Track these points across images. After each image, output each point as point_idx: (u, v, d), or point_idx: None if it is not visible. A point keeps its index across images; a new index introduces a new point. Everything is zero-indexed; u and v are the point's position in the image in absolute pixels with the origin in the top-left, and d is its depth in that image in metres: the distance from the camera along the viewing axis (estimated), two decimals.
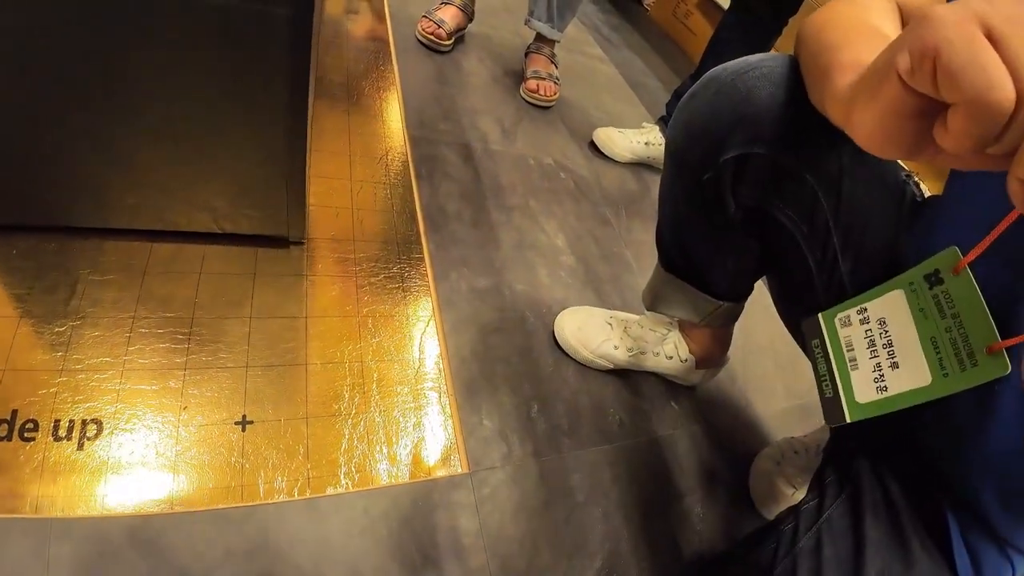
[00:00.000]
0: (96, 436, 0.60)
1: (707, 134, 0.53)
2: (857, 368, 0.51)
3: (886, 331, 0.50)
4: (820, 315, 0.58)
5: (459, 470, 0.71)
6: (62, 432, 0.59)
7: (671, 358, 0.87)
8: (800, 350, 0.60)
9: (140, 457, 0.60)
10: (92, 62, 0.56)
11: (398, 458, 0.69)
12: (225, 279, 0.76)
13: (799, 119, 0.48)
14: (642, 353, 0.87)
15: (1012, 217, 0.38)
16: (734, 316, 0.82)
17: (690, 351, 0.87)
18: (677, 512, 0.79)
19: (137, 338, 0.68)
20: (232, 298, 0.75)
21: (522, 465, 0.75)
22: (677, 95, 1.34)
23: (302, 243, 0.84)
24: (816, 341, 0.57)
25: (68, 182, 0.67)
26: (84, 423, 0.60)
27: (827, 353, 0.55)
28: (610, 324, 0.89)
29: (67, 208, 0.71)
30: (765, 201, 0.54)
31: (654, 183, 1.39)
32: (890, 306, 0.50)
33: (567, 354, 0.89)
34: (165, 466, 0.60)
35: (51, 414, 0.60)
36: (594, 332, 0.88)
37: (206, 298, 0.73)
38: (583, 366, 0.89)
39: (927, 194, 0.54)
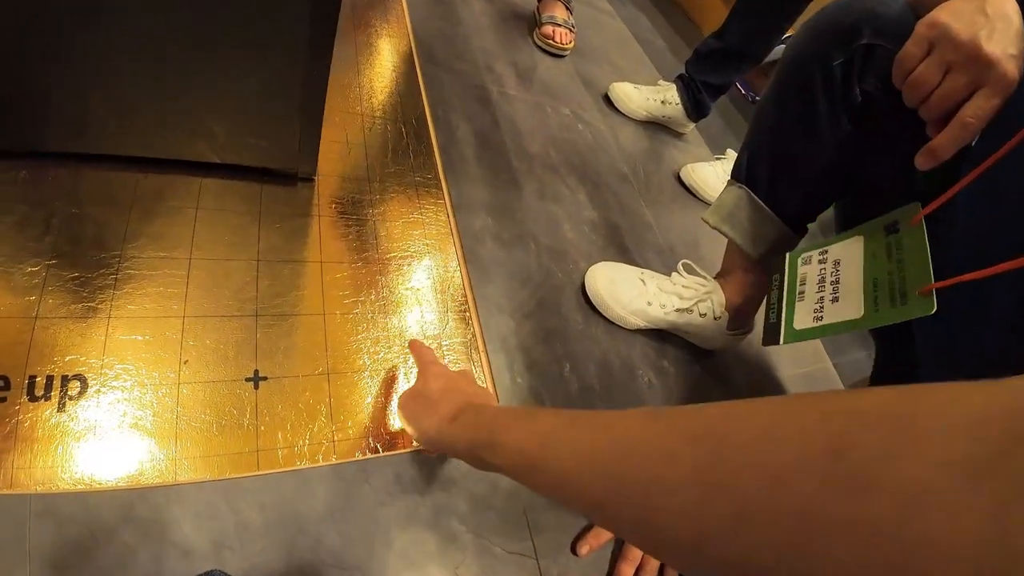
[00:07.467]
0: (80, 395, 0.50)
1: (837, 24, 0.59)
2: (803, 300, 0.58)
3: (837, 270, 0.57)
4: (787, 254, 0.66)
5: None
6: (39, 391, 0.49)
7: (704, 315, 0.82)
8: None
9: (134, 419, 0.51)
10: None
11: None
12: (225, 216, 0.66)
13: None
14: (677, 310, 0.81)
15: (972, 176, 0.46)
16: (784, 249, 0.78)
17: (725, 307, 0.82)
18: None
19: (124, 281, 0.58)
20: (235, 239, 0.65)
21: None
22: (698, 54, 1.26)
23: (312, 180, 0.74)
24: (777, 276, 0.65)
25: (40, 100, 0.55)
26: (65, 379, 0.51)
27: (782, 285, 0.63)
28: (642, 280, 0.84)
29: (39, 131, 0.59)
30: (885, 92, 0.57)
31: (666, 145, 1.32)
32: (848, 250, 0.57)
33: (596, 311, 0.84)
34: (164, 430, 0.51)
35: (25, 369, 0.50)
36: (626, 287, 0.83)
37: (204, 238, 0.63)
38: (611, 324, 0.84)
39: None
